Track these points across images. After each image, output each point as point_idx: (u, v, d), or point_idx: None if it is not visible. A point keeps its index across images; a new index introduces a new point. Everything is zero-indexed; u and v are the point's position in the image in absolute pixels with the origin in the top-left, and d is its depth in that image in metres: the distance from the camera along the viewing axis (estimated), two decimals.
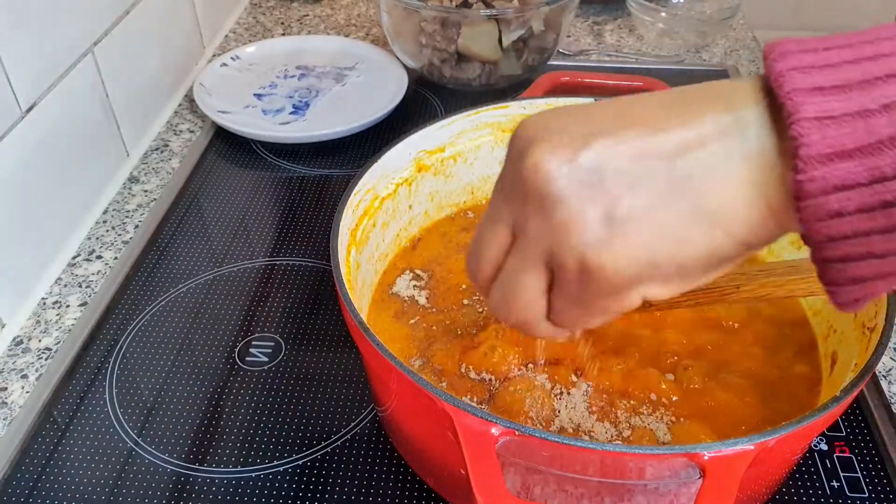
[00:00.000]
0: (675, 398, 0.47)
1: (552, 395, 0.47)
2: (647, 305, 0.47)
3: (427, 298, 0.55)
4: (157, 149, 0.81)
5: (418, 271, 0.57)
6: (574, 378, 0.48)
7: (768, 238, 0.28)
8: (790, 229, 0.28)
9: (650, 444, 0.45)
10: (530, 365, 0.49)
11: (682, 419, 0.46)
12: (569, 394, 0.47)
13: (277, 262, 0.66)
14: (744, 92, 0.28)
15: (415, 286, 0.56)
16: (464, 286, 0.55)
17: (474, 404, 0.46)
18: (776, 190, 0.27)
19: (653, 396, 0.47)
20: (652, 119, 0.28)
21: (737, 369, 0.49)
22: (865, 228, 0.26)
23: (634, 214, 0.28)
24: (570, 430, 0.46)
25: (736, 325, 0.52)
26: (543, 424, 0.46)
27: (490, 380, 0.48)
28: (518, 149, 0.30)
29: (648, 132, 0.28)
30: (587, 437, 0.45)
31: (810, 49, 0.26)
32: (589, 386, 0.48)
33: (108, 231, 0.70)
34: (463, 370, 0.49)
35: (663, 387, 0.48)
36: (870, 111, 0.25)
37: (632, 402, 0.47)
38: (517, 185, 0.30)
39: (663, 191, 0.28)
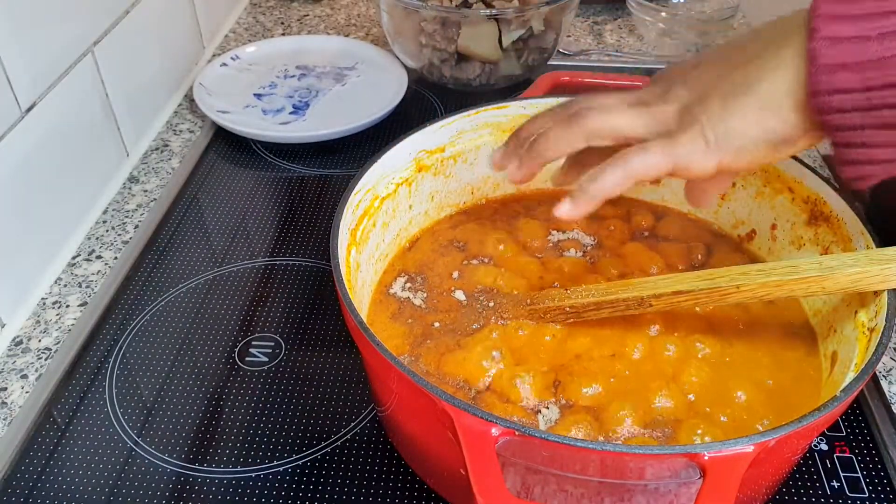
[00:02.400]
0: (672, 400, 0.47)
1: (531, 413, 0.46)
2: (647, 305, 0.47)
3: (422, 300, 0.54)
4: (157, 149, 0.81)
5: (411, 273, 0.57)
6: (552, 391, 0.47)
7: (804, 125, 0.38)
8: (815, 120, 0.38)
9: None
10: (504, 369, 0.48)
11: (679, 422, 0.46)
12: (547, 408, 0.46)
13: (277, 262, 0.66)
14: (796, 20, 0.38)
15: (408, 288, 0.56)
16: (455, 289, 0.55)
17: None
18: (804, 90, 0.37)
19: (651, 398, 0.47)
20: (739, 43, 0.42)
21: (735, 369, 0.49)
22: (859, 123, 0.36)
23: (716, 98, 0.40)
24: None
25: (735, 325, 0.52)
26: None
27: (467, 387, 0.48)
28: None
29: (735, 51, 0.41)
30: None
31: None
32: (567, 402, 0.47)
33: (107, 231, 0.70)
34: (440, 377, 0.48)
35: (661, 388, 0.47)
36: (868, 37, 0.35)
37: (626, 407, 0.46)
38: (652, 82, 0.44)
39: (738, 84, 0.39)
